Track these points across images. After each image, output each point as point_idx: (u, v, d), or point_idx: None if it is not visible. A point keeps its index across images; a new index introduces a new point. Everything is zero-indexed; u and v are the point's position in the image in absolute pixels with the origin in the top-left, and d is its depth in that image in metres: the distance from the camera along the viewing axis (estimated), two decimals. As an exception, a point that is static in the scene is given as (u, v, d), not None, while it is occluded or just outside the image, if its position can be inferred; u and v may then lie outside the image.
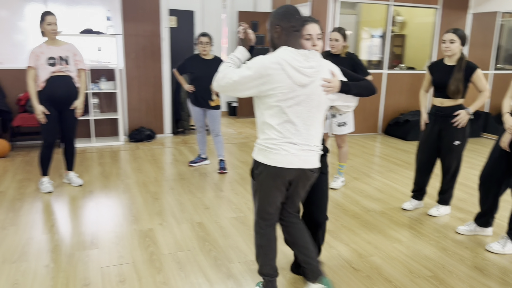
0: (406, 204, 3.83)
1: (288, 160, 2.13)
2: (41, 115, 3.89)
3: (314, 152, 2.20)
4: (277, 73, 2.06)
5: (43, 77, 3.86)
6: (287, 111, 2.11)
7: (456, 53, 3.37)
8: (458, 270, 2.81)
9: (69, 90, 4.03)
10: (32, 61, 3.84)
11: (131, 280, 2.62)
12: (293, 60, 2.07)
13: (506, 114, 2.89)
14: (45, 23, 3.86)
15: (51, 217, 3.53)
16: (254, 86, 2.08)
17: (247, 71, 2.08)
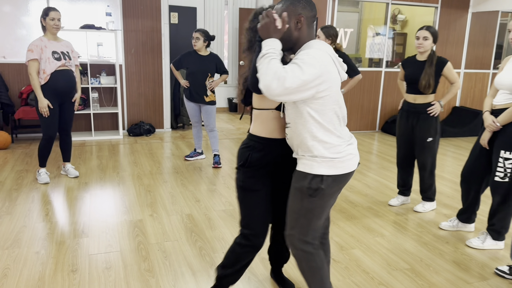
0: (392, 200, 3.90)
1: (355, 162, 1.95)
2: (45, 108, 3.98)
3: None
4: (333, 70, 1.81)
5: (49, 70, 3.95)
6: (339, 113, 1.88)
7: (428, 50, 3.45)
8: (435, 264, 2.88)
9: (72, 84, 4.14)
10: (37, 53, 3.91)
11: (117, 267, 2.72)
12: (334, 57, 1.86)
13: (486, 113, 2.94)
14: (49, 18, 3.94)
15: (46, 207, 3.64)
16: (315, 86, 1.75)
17: (311, 67, 1.72)
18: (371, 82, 7.13)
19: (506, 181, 2.86)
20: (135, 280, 2.57)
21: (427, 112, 3.51)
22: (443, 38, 7.30)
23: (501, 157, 2.84)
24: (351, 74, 4.08)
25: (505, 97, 2.85)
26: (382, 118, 7.33)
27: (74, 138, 5.90)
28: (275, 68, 1.70)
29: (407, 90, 3.63)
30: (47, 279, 2.55)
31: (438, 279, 2.69)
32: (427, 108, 3.51)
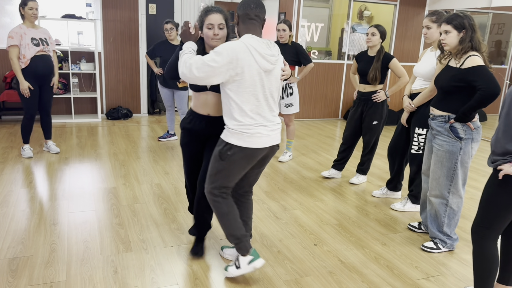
0: (324, 172, 4.48)
1: (263, 141, 2.34)
2: (26, 90, 4.42)
3: (278, 130, 2.44)
4: (246, 58, 2.21)
5: (29, 55, 4.38)
6: (257, 96, 2.28)
7: (376, 45, 3.98)
8: (360, 221, 3.46)
9: (50, 68, 4.58)
10: (17, 40, 4.33)
11: (92, 222, 3.22)
12: (259, 47, 2.26)
13: (405, 96, 3.52)
14: (27, 7, 4.37)
15: (30, 176, 4.10)
16: (225, 71, 2.19)
17: (217, 56, 2.18)
18: (334, 73, 7.70)
19: (420, 153, 3.45)
20: (107, 231, 3.08)
21: (372, 98, 4.06)
22: (401, 34, 7.91)
23: (415, 133, 3.43)
24: (304, 62, 4.62)
25: (420, 83, 3.43)
26: (344, 107, 7.92)
27: (55, 120, 6.31)
28: (185, 59, 2.29)
29: (360, 80, 4.17)
30: (31, 230, 3.03)
31: (359, 231, 3.27)
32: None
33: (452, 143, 2.82)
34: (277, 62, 2.37)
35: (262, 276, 2.60)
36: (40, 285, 2.40)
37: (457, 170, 2.85)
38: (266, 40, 2.35)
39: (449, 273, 2.74)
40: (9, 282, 2.41)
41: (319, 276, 2.62)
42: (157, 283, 2.47)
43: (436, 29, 3.30)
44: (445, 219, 2.97)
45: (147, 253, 2.79)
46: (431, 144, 3.04)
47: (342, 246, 3.03)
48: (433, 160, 2.95)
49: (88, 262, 2.65)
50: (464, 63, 2.69)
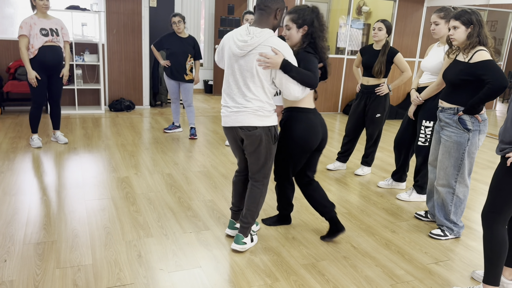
0: (329, 165, 4.60)
1: (224, 121, 2.64)
2: (34, 79, 4.46)
3: (243, 113, 2.51)
4: (227, 43, 2.56)
5: (37, 45, 4.42)
6: (228, 78, 2.56)
7: (382, 40, 4.10)
8: (369, 210, 3.59)
9: (58, 58, 4.62)
10: (25, 30, 4.38)
11: (110, 209, 3.30)
12: (237, 34, 2.50)
13: (412, 90, 3.65)
14: None
15: (42, 166, 4.16)
16: (220, 54, 2.68)
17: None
18: (334, 68, 7.82)
19: (427, 145, 3.58)
20: (126, 218, 3.17)
21: (375, 91, 4.18)
22: (400, 30, 8.05)
23: (422, 125, 3.56)
24: None
25: (428, 77, 3.55)
26: (343, 101, 8.05)
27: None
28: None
29: (363, 73, 4.28)
30: (52, 217, 3.11)
31: (369, 219, 3.40)
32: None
33: (460, 134, 2.95)
34: (248, 48, 2.43)
35: (280, 260, 2.71)
36: (68, 268, 2.48)
37: (464, 160, 2.99)
38: (253, 29, 2.47)
39: (456, 258, 2.88)
40: (38, 265, 2.49)
41: (334, 261, 2.74)
42: (180, 266, 2.57)
43: (444, 25, 3.43)
44: (452, 207, 3.11)
45: (168, 239, 2.89)
46: (439, 136, 3.17)
47: (354, 233, 3.16)
48: (441, 150, 3.08)
49: (111, 247, 2.74)
50: (473, 58, 2.82)
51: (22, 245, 2.70)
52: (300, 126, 2.72)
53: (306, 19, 2.60)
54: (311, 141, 2.74)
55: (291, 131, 2.74)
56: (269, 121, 2.60)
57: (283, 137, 2.78)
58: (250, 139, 2.58)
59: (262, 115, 2.55)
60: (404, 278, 2.60)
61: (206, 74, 9.64)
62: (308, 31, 2.63)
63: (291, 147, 2.77)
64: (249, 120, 2.53)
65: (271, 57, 2.43)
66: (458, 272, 2.72)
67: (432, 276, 2.64)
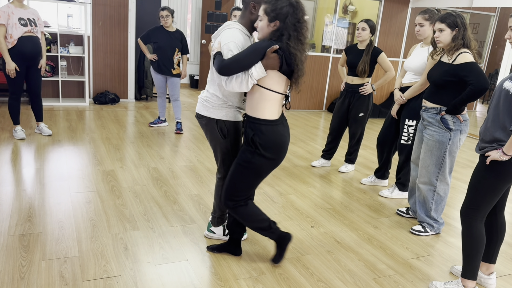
0: (314, 162, 4.67)
1: None
2: (13, 71, 4.38)
3: (199, 102, 2.56)
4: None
5: (16, 35, 4.33)
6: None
7: (366, 39, 4.17)
8: (351, 206, 3.67)
9: (37, 49, 4.54)
10: (3, 19, 4.25)
11: (95, 202, 3.29)
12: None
13: (396, 89, 3.73)
14: None
15: (25, 157, 4.11)
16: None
17: None
18: (320, 66, 7.89)
19: (409, 143, 3.67)
20: (112, 211, 3.17)
21: (359, 91, 4.25)
22: (385, 30, 8.16)
23: (406, 124, 3.64)
24: None
25: (411, 77, 3.64)
26: (328, 99, 8.14)
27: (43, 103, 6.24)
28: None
29: (348, 72, 4.34)
30: (37, 209, 3.09)
31: (352, 215, 3.48)
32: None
33: (442, 134, 3.03)
34: (213, 41, 2.43)
35: (266, 254, 2.75)
36: (54, 260, 2.48)
37: (446, 159, 3.08)
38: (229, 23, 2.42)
39: (436, 254, 2.97)
40: (23, 257, 2.49)
41: (319, 255, 2.80)
42: (167, 259, 2.60)
43: (429, 27, 3.51)
44: (433, 204, 3.20)
45: (154, 232, 2.91)
46: (421, 134, 3.26)
47: (337, 228, 3.22)
48: (423, 149, 3.16)
49: (97, 239, 2.74)
50: (456, 59, 2.90)
51: (6, 236, 2.68)
52: (260, 142, 2.33)
53: (280, 13, 2.21)
54: (277, 159, 2.42)
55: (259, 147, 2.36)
56: (215, 113, 2.49)
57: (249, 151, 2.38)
58: (202, 126, 2.60)
59: (209, 106, 2.50)
60: (385, 272, 2.68)
61: (192, 69, 9.62)
62: (279, 27, 2.24)
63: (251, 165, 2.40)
64: (199, 107, 2.57)
65: (216, 46, 2.35)
66: (438, 267, 2.81)
67: (413, 271, 2.72)
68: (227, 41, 2.32)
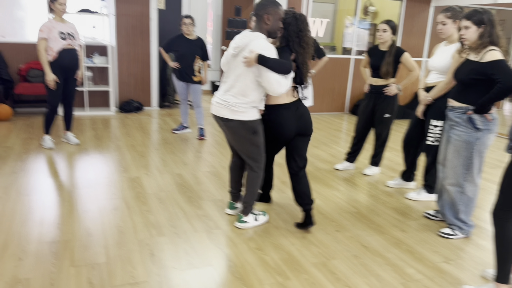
0: (338, 165, 4.61)
1: (211, 107, 2.99)
2: (52, 82, 4.53)
3: (221, 105, 2.87)
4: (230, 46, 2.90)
5: (56, 48, 4.49)
6: (224, 74, 2.94)
7: (388, 40, 4.10)
8: (378, 209, 3.60)
9: (76, 61, 4.70)
10: (45, 33, 4.44)
11: (122, 208, 3.35)
12: (237, 37, 2.85)
13: (420, 89, 3.66)
14: (58, 3, 4.47)
15: (54, 166, 4.22)
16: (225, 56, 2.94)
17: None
18: (341, 68, 7.83)
19: (436, 144, 3.59)
20: (138, 217, 3.21)
21: (384, 92, 4.18)
22: (407, 29, 8.04)
23: (431, 125, 3.57)
24: (318, 56, 4.74)
25: (435, 77, 3.56)
26: (351, 101, 8.05)
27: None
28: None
29: (371, 74, 4.29)
30: (65, 216, 3.16)
31: (378, 219, 3.42)
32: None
33: (469, 134, 2.95)
34: (237, 51, 2.79)
35: (291, 259, 2.74)
36: (83, 267, 2.53)
37: (474, 159, 3.00)
38: (246, 33, 2.83)
39: (467, 257, 2.89)
40: (53, 264, 2.54)
41: (345, 259, 2.77)
42: (193, 264, 2.61)
43: (451, 25, 3.44)
44: (461, 206, 3.11)
45: (179, 238, 2.93)
46: (448, 135, 3.18)
47: (363, 232, 3.17)
48: (450, 150, 3.09)
49: (124, 246, 2.78)
50: (484, 57, 2.83)
51: (37, 244, 2.75)
52: (269, 123, 2.98)
53: (284, 22, 2.85)
54: (280, 135, 2.98)
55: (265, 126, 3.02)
56: (244, 115, 2.84)
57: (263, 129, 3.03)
58: (228, 129, 2.95)
59: (236, 110, 2.83)
60: (414, 277, 2.61)
61: (213, 75, 9.69)
62: (284, 34, 2.87)
63: (265, 138, 3.07)
64: (225, 113, 2.88)
65: (247, 56, 2.72)
66: (469, 270, 2.73)
67: (443, 275, 2.65)
68: (270, 49, 2.74)
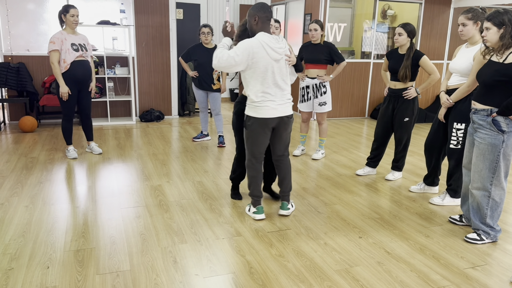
0: (359, 170, 4.56)
1: (270, 113, 3.11)
2: (66, 94, 4.63)
3: (286, 104, 3.17)
4: (259, 51, 3.00)
5: (69, 60, 4.59)
6: (267, 79, 3.06)
7: (405, 44, 4.06)
8: (401, 215, 3.55)
9: (88, 72, 4.78)
10: (57, 45, 4.53)
11: (145, 216, 3.39)
12: (270, 42, 3.03)
13: (442, 92, 3.60)
14: (69, 14, 4.57)
15: (78, 176, 4.31)
16: (244, 62, 3.01)
17: (238, 51, 2.97)
18: (361, 72, 7.78)
19: (459, 147, 3.52)
20: (160, 225, 3.24)
21: (403, 95, 4.14)
22: (427, 32, 7.94)
23: (454, 128, 3.50)
24: (337, 61, 4.73)
25: (457, 79, 3.51)
26: (371, 105, 7.98)
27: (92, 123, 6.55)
28: (217, 52, 3.03)
29: (391, 78, 4.25)
30: (90, 224, 3.22)
31: (402, 224, 3.37)
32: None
33: (494, 136, 2.89)
34: (283, 52, 3.10)
35: (313, 266, 2.72)
36: (107, 274, 2.56)
37: (500, 162, 2.93)
38: (275, 36, 3.09)
39: (494, 263, 2.82)
40: (79, 272, 2.59)
41: (369, 266, 2.73)
42: (215, 271, 2.62)
43: (472, 26, 3.38)
44: (488, 211, 3.04)
45: (201, 245, 2.94)
46: (472, 138, 3.12)
47: (387, 238, 3.13)
48: (475, 153, 3.03)
49: (148, 253, 2.81)
50: (508, 58, 2.77)
51: (63, 252, 2.81)
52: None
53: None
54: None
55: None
56: None
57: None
58: (289, 125, 3.26)
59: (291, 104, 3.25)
60: (440, 283, 2.56)
61: (232, 83, 9.76)
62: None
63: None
64: (290, 109, 3.22)
65: (291, 56, 3.19)
66: (497, 276, 2.65)
67: (470, 281, 2.59)
68: None
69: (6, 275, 2.53)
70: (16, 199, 3.66)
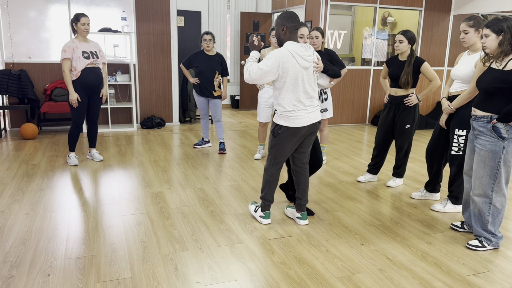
0: (360, 177, 4.56)
1: (303, 121, 3.12)
2: (75, 101, 4.65)
3: (316, 111, 3.20)
4: (289, 61, 3.01)
5: (80, 67, 4.62)
6: (298, 88, 3.07)
7: (406, 51, 4.07)
8: (403, 222, 3.54)
9: (99, 79, 4.81)
10: (69, 53, 4.57)
11: (145, 223, 3.38)
12: (299, 51, 3.04)
13: (443, 99, 3.61)
14: (80, 23, 4.61)
15: (79, 183, 4.31)
16: (274, 72, 3.03)
17: (268, 61, 3.00)
18: (361, 79, 7.80)
19: (460, 154, 3.52)
20: (161, 232, 3.24)
21: (404, 102, 4.15)
22: (427, 39, 7.97)
23: (455, 134, 3.51)
24: (338, 68, 4.74)
25: (458, 86, 3.52)
26: (371, 112, 7.99)
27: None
28: (247, 66, 3.10)
29: (391, 85, 4.26)
30: (90, 232, 3.21)
31: (403, 231, 3.36)
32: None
33: (494, 143, 2.89)
34: (311, 60, 3.12)
35: (315, 273, 2.71)
36: (108, 282, 2.55)
37: (500, 169, 2.93)
38: (304, 44, 3.11)
39: (497, 270, 2.81)
40: (79, 279, 2.58)
41: (370, 273, 2.72)
42: (216, 279, 2.61)
43: (474, 33, 3.40)
44: (489, 217, 3.03)
45: (203, 252, 2.94)
46: (473, 145, 3.12)
47: (388, 245, 3.12)
48: (475, 160, 3.03)
49: (149, 261, 2.80)
50: (507, 65, 2.78)
51: (63, 259, 2.80)
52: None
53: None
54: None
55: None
56: None
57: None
58: (316, 131, 3.28)
59: None
60: (442, 291, 2.55)
61: (232, 90, 9.78)
62: None
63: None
64: (319, 115, 3.25)
65: (319, 63, 3.22)
66: (499, 283, 2.64)
67: (472, 289, 2.58)
68: None
69: (6, 283, 2.52)
70: (17, 206, 3.66)
